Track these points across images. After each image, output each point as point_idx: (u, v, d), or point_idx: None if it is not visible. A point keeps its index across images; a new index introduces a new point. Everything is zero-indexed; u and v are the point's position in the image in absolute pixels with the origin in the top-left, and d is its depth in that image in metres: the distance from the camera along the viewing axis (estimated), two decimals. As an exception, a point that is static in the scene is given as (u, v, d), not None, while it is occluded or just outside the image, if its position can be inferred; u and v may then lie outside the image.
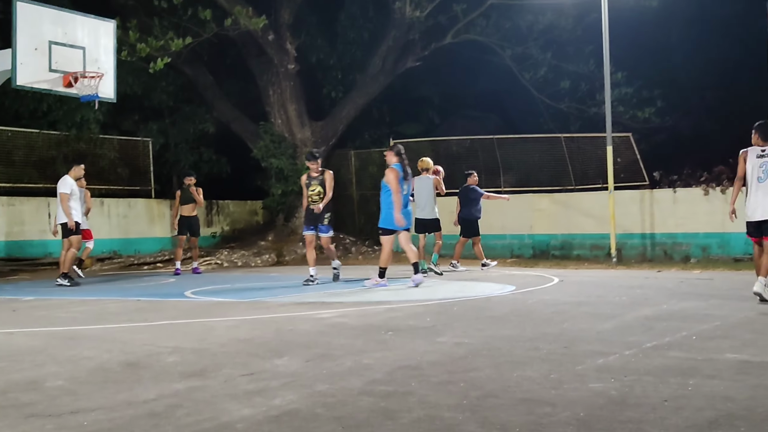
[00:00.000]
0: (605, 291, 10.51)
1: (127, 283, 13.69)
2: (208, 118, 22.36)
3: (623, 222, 16.61)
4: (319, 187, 12.08)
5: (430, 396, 4.37)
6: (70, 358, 5.89)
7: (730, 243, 16.17)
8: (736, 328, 6.78)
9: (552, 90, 21.43)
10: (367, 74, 21.62)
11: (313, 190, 12.10)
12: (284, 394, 4.50)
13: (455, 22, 20.28)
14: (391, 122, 23.70)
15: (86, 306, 9.84)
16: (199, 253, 16.93)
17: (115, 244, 19.26)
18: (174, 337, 6.92)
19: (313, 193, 12.10)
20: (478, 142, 20.10)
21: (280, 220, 21.05)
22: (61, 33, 13.66)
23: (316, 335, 6.82)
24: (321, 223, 12.15)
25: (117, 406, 4.31)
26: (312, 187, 12.12)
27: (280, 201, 20.73)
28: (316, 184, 12.10)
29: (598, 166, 17.43)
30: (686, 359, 5.33)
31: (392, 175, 11.35)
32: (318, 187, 12.08)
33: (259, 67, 21.21)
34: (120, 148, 20.78)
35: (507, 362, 5.35)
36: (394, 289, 11.36)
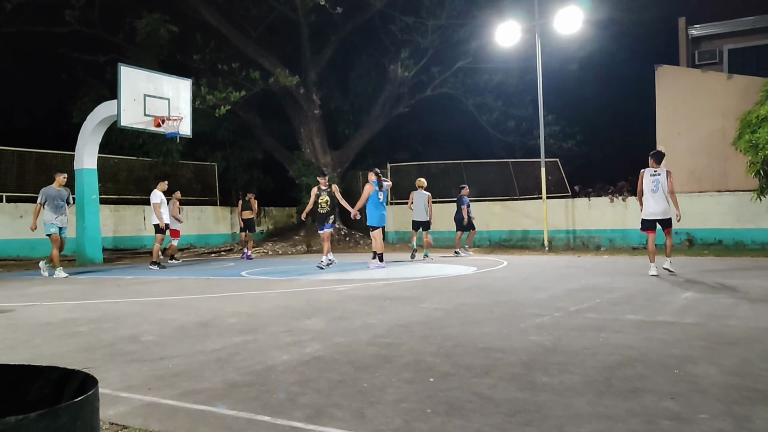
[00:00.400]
0: (540, 270, 10.51)
1: (200, 266, 13.68)
2: (257, 149, 22.37)
3: (553, 221, 16.63)
4: (327, 197, 11.79)
5: (416, 346, 4.37)
6: (159, 320, 5.88)
7: (629, 236, 16.21)
8: (635, 296, 6.78)
9: (502, 128, 21.48)
10: (371, 117, 21.62)
11: (322, 199, 11.81)
12: (312, 345, 4.49)
13: (433, 80, 20.29)
14: (388, 151, 23.68)
15: (171, 283, 9.83)
16: (252, 245, 16.91)
17: (191, 239, 19.23)
18: (234, 304, 6.92)
19: (322, 201, 11.81)
20: (450, 165, 20.14)
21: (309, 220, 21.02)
22: (152, 88, 13.67)
23: (335, 303, 6.81)
24: (327, 222, 11.91)
25: (193, 353, 4.31)
26: (322, 196, 11.83)
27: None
28: (325, 194, 11.82)
29: (535, 182, 17.45)
30: (599, 319, 5.32)
31: (368, 189, 11.80)
32: (326, 196, 11.80)
33: (294, 112, 21.19)
34: (194, 170, 20.77)
35: (471, 322, 5.35)
36: (389, 270, 11.35)
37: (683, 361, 3.79)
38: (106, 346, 4.64)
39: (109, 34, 19.17)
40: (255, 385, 3.45)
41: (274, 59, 19.68)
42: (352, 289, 8.14)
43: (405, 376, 3.54)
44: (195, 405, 3.11)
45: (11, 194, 15.65)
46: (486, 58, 19.70)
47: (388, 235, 20.40)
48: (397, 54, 19.90)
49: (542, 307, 6.06)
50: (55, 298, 7.83)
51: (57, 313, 6.49)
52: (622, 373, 3.52)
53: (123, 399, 3.25)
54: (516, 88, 20.96)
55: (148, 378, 3.67)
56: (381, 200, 11.90)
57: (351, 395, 3.21)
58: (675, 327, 4.91)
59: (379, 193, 11.84)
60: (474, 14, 19.13)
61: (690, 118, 15.90)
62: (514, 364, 3.79)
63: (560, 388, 3.26)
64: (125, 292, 8.56)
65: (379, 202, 11.85)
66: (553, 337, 4.57)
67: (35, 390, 1.47)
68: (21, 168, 16.07)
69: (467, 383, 3.38)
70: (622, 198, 16.33)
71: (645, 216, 9.28)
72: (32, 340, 4.93)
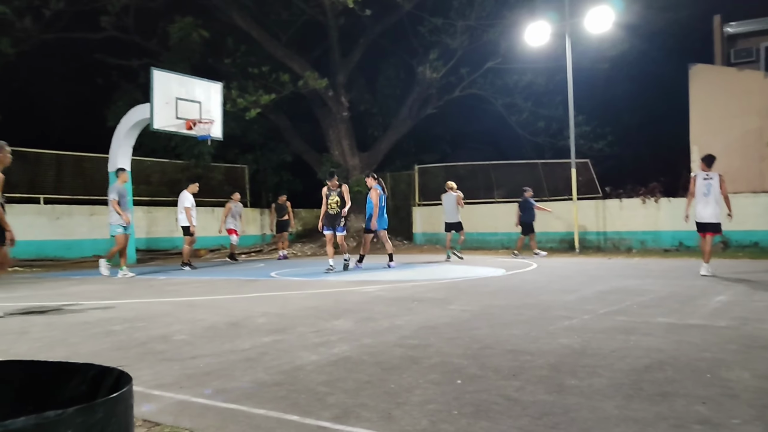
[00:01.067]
0: (570, 273, 10.41)
1: (230, 267, 13.84)
2: (286, 151, 22.54)
3: (583, 223, 16.44)
4: (337, 197, 11.48)
5: (443, 347, 4.37)
6: (190, 320, 5.97)
7: (661, 238, 15.95)
8: (665, 299, 6.68)
9: (531, 128, 21.29)
10: (399, 119, 21.64)
11: (332, 200, 11.48)
12: (340, 345, 4.52)
13: (461, 81, 20.23)
14: (415, 152, 23.66)
15: (201, 283, 9.98)
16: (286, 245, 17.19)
17: (222, 240, 19.45)
18: (263, 304, 6.99)
19: (333, 201, 11.48)
20: (478, 166, 20.02)
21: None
22: (184, 91, 13.87)
23: (363, 304, 6.84)
24: (338, 225, 11.58)
25: (223, 353, 4.37)
26: (332, 197, 11.48)
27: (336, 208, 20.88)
28: (335, 195, 11.49)
29: (565, 183, 17.27)
30: (629, 322, 5.26)
31: (375, 194, 12.06)
32: (336, 197, 11.48)
33: (322, 115, 21.32)
34: (225, 172, 21.04)
35: (499, 324, 5.33)
36: (417, 271, 11.36)
37: (715, 364, 3.73)
38: (139, 345, 4.74)
39: (143, 39, 19.54)
40: (284, 384, 3.50)
41: (304, 62, 19.84)
42: (380, 291, 8.16)
43: (432, 378, 3.55)
44: (225, 404, 3.17)
45: (49, 196, 16.05)
46: (515, 59, 19.57)
47: (416, 236, 20.39)
48: (426, 55, 19.89)
49: (571, 310, 6.01)
50: (90, 298, 8.01)
51: (93, 312, 6.65)
52: (652, 377, 3.48)
53: (155, 397, 3.32)
54: (546, 88, 20.77)
55: (180, 376, 3.74)
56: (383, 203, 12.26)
57: (378, 396, 3.23)
58: (707, 330, 4.83)
59: (383, 197, 12.18)
60: (504, 14, 19.03)
61: (725, 118, 15.60)
62: (542, 366, 3.77)
63: (588, 391, 3.23)
64: (158, 293, 8.71)
65: (382, 205, 12.22)
66: (582, 339, 4.53)
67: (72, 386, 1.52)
68: (58, 171, 16.47)
69: (494, 385, 3.38)
70: (654, 199, 16.07)
71: (696, 218, 9.48)
72: (69, 339, 5.06)
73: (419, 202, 20.54)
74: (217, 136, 14.57)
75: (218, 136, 14.67)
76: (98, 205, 16.49)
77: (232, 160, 21.54)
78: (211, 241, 19.06)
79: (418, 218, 20.43)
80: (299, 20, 20.26)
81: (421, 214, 20.35)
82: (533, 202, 15.39)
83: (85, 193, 16.76)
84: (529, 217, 15.25)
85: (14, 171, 15.74)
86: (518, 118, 21.19)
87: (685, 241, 15.44)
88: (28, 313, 6.69)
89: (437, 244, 19.15)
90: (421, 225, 20.29)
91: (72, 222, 16.16)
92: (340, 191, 11.55)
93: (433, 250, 18.21)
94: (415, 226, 20.51)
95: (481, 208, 18.73)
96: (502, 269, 11.23)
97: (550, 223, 17.57)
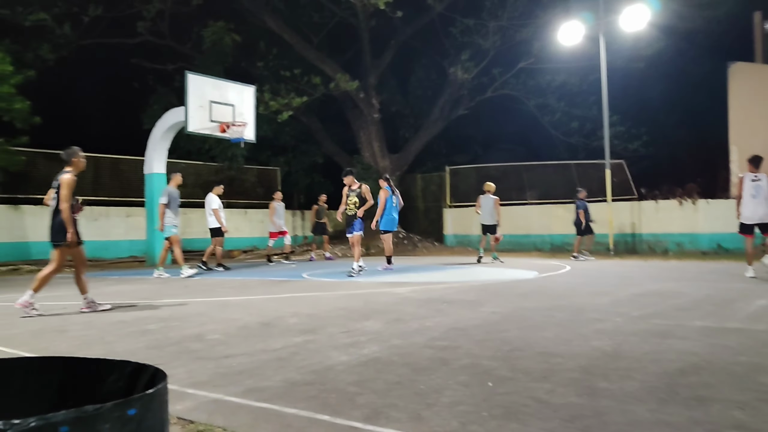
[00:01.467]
0: (604, 275, 10.28)
1: (263, 267, 13.98)
2: (318, 153, 22.72)
3: (618, 224, 16.20)
4: (356, 198, 10.97)
5: (473, 349, 4.37)
6: (223, 319, 6.06)
7: (699, 240, 15.65)
8: (701, 302, 6.55)
9: (564, 129, 21.07)
10: (430, 120, 21.62)
11: (351, 200, 10.98)
12: (370, 346, 4.55)
13: (493, 81, 20.14)
14: (447, 154, 23.62)
15: (235, 283, 10.10)
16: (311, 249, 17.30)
17: (255, 241, 19.71)
18: (294, 305, 7.06)
19: (351, 202, 10.99)
20: (510, 167, 19.88)
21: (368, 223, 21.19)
22: (218, 95, 14.08)
23: (392, 305, 6.86)
24: (355, 226, 10.99)
25: (255, 352, 4.44)
26: (350, 197, 11.00)
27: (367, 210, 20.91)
28: (354, 195, 10.99)
29: (599, 184, 17.04)
30: (663, 325, 5.18)
31: (384, 195, 11.83)
32: (355, 197, 10.97)
33: (354, 116, 21.42)
34: (258, 174, 21.29)
35: (529, 326, 5.30)
36: (448, 272, 11.33)
37: (752, 369, 3.65)
38: (173, 343, 4.84)
39: (177, 44, 19.90)
40: (315, 384, 3.54)
41: (335, 64, 19.97)
42: (410, 292, 8.17)
43: (461, 379, 3.56)
44: (257, 402, 3.22)
45: (87, 197, 16.44)
46: (548, 58, 19.40)
47: (447, 238, 20.34)
48: (457, 56, 19.85)
49: (604, 312, 5.94)
50: (127, 298, 8.19)
51: (129, 311, 6.80)
52: (686, 381, 3.42)
53: (189, 395, 3.39)
54: (579, 88, 20.54)
55: (213, 375, 3.81)
56: (395, 204, 12.00)
57: (408, 397, 3.24)
58: (744, 334, 4.73)
59: (393, 197, 11.95)
60: (536, 14, 18.89)
61: (765, 117, 15.22)
62: (573, 369, 3.74)
63: (620, 394, 3.20)
64: (192, 292, 8.85)
65: (392, 207, 11.97)
66: (614, 342, 4.48)
67: (110, 382, 1.58)
68: (96, 173, 16.87)
69: (525, 387, 3.36)
70: (692, 200, 15.76)
71: (744, 220, 9.32)
72: (106, 337, 5.19)
73: (450, 203, 20.48)
74: (250, 138, 14.75)
75: (251, 139, 14.85)
76: (134, 206, 16.84)
77: (264, 162, 21.78)
78: (243, 242, 19.32)
79: (449, 220, 20.37)
80: (330, 23, 20.41)
81: (452, 216, 20.29)
82: (586, 203, 14.95)
83: (122, 194, 17.14)
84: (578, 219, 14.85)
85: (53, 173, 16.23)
86: (551, 119, 21.00)
87: (724, 243, 15.11)
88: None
89: (468, 246, 19.08)
90: (452, 226, 20.23)
91: (109, 223, 16.54)
92: (360, 191, 11.05)
93: (465, 252, 18.14)
94: (446, 228, 20.46)
95: (514, 210, 18.59)
96: (534, 271, 11.14)
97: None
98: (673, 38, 19.45)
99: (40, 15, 15.84)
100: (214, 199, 13.21)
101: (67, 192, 6.64)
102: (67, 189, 6.65)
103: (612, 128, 17.96)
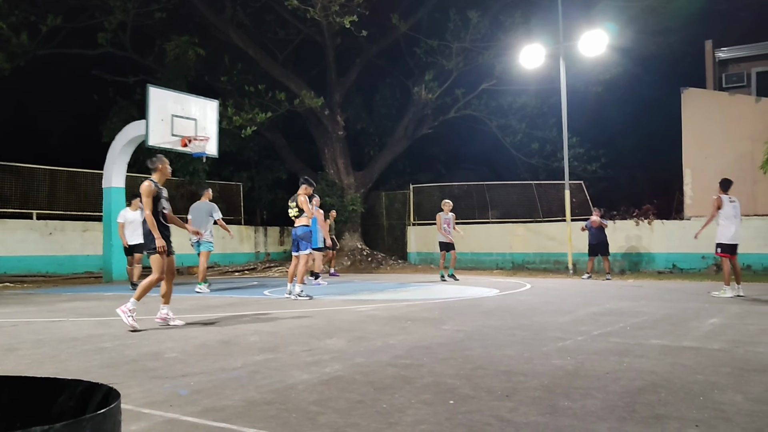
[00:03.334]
0: (564, 294, 10.40)
1: (224, 284, 13.77)
2: (282, 169, 22.61)
3: (577, 244, 16.45)
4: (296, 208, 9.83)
5: (437, 367, 4.35)
6: (182, 337, 5.93)
7: (655, 260, 16.01)
8: (659, 321, 6.67)
9: (526, 150, 21.41)
10: (394, 138, 21.73)
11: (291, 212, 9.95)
12: (332, 364, 4.49)
13: (456, 102, 20.37)
14: (410, 172, 23.76)
15: (194, 301, 9.91)
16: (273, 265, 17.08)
17: (216, 257, 19.40)
18: (256, 323, 6.95)
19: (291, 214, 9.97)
20: (473, 186, 20.12)
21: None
22: (180, 109, 13.89)
23: (356, 323, 6.81)
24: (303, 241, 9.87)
25: (214, 371, 4.34)
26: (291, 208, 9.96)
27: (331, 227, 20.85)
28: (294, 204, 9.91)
29: (558, 204, 17.35)
30: (622, 343, 5.25)
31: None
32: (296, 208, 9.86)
33: (318, 133, 21.38)
34: (220, 189, 20.99)
35: (492, 344, 5.31)
36: (412, 291, 11.33)
37: (708, 387, 3.72)
38: (129, 362, 4.69)
39: (139, 56, 19.63)
40: (275, 403, 3.47)
41: (300, 81, 19.97)
42: (373, 310, 8.13)
43: (425, 398, 3.53)
44: (215, 422, 3.13)
45: (42, 211, 15.99)
46: (510, 80, 19.74)
47: (410, 256, 20.37)
48: (422, 76, 20.05)
49: (565, 331, 6.00)
50: (81, 314, 7.94)
51: (83, 328, 6.59)
52: (645, 399, 3.46)
53: (145, 415, 3.28)
54: (540, 110, 20.95)
55: (170, 395, 3.70)
56: None
57: (370, 416, 3.20)
58: (700, 353, 4.83)
59: None
60: (498, 37, 19.23)
61: (717, 142, 15.73)
62: (535, 387, 3.75)
63: (582, 412, 3.22)
64: (150, 310, 8.64)
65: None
66: (576, 361, 4.51)
67: (60, 402, 1.51)
68: (52, 186, 16.43)
69: (487, 406, 3.35)
70: (648, 221, 16.14)
71: (729, 240, 9.46)
72: (58, 356, 5.01)
73: (414, 221, 20.56)
74: (213, 153, 14.58)
75: (213, 154, 14.68)
76: (91, 221, 16.43)
77: (227, 178, 21.57)
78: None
79: (412, 238, 20.43)
80: (296, 39, 20.43)
81: (415, 234, 20.36)
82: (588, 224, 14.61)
83: (79, 208, 16.71)
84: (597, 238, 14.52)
85: (7, 186, 15.79)
86: (513, 140, 21.33)
87: (679, 263, 15.48)
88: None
89: (432, 263, 19.14)
90: (415, 244, 20.29)
91: (64, 238, 16.08)
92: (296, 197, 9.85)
93: (428, 270, 18.19)
94: (410, 246, 20.51)
95: (476, 228, 18.76)
96: (496, 289, 11.22)
97: (542, 244, 17.63)
98: (630, 64, 20.03)
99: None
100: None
101: (147, 199, 6.71)
102: (147, 197, 6.71)
103: (571, 150, 18.33)
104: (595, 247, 14.55)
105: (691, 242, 10.12)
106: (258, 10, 19.56)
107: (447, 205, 14.38)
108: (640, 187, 20.42)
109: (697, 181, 15.87)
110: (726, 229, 9.42)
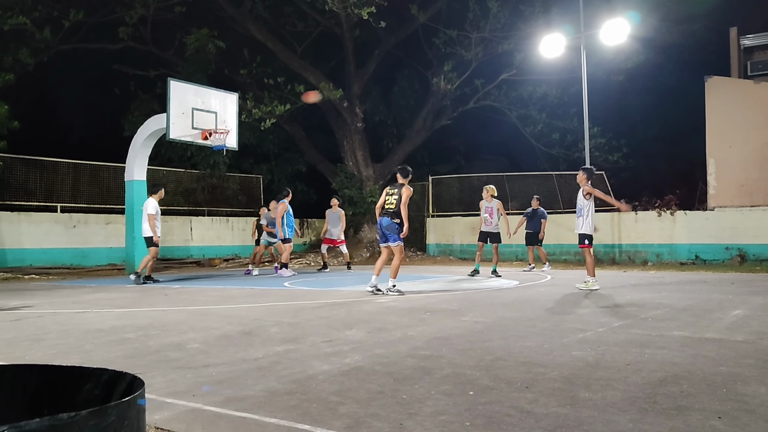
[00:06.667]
0: (584, 285, 10.31)
1: (244, 276, 13.88)
2: (301, 161, 22.70)
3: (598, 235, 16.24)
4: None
5: (456, 359, 4.35)
6: (204, 328, 5.99)
7: (677, 251, 15.82)
8: (681, 312, 6.61)
9: (546, 140, 21.25)
10: (413, 129, 21.69)
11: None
12: (352, 355, 4.52)
13: (476, 92, 20.26)
14: (429, 163, 23.70)
15: (215, 292, 10.01)
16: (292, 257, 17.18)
17: (236, 249, 19.56)
18: (276, 314, 7.00)
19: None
20: (492, 177, 19.95)
21: (351, 232, 21.16)
22: (200, 102, 13.97)
23: (375, 314, 6.83)
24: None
25: (236, 361, 4.38)
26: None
27: (351, 219, 20.86)
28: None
29: (579, 195, 17.17)
30: (643, 335, 5.21)
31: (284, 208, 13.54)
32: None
33: (337, 125, 21.42)
34: (240, 182, 21.18)
35: (512, 335, 5.30)
36: (431, 281, 11.33)
37: (731, 379, 3.68)
38: (152, 352, 4.76)
39: (160, 50, 19.79)
40: (296, 393, 3.50)
41: (319, 73, 19.98)
42: (392, 301, 8.15)
43: (444, 389, 3.54)
44: (237, 412, 3.17)
45: (66, 204, 16.23)
46: (530, 70, 19.57)
47: (429, 247, 20.35)
48: (440, 67, 19.96)
49: (586, 322, 5.96)
50: (105, 306, 8.07)
51: (107, 320, 6.69)
52: (667, 390, 3.44)
53: (168, 404, 3.33)
54: (560, 99, 20.74)
55: (193, 385, 3.75)
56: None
57: (390, 406, 3.22)
58: (723, 344, 4.77)
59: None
60: (518, 26, 19.06)
61: (741, 130, 15.47)
62: (555, 379, 3.74)
63: (602, 404, 3.20)
64: (172, 301, 8.75)
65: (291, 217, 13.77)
66: (596, 352, 4.49)
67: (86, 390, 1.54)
68: (75, 179, 16.66)
69: (507, 397, 3.35)
70: (670, 212, 15.94)
71: None
72: (83, 346, 5.10)
73: (433, 213, 20.52)
74: (232, 146, 14.66)
75: (233, 146, 14.76)
76: (114, 214, 16.65)
77: (246, 170, 21.70)
78: (225, 250, 19.19)
79: (431, 229, 20.40)
80: (315, 32, 20.43)
81: (434, 225, 20.32)
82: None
83: (102, 201, 16.94)
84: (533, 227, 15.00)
85: (32, 179, 16.05)
86: (533, 130, 21.16)
87: (702, 254, 15.29)
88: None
89: (451, 255, 19.11)
90: (434, 236, 20.26)
91: (88, 230, 16.32)
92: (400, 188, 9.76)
93: (447, 261, 18.16)
94: (429, 237, 20.48)
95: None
96: (516, 281, 11.17)
97: (563, 235, 17.48)
98: (652, 52, 19.75)
99: (19, 19, 15.63)
100: (151, 203, 11.79)
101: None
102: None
103: (592, 140, 18.13)
104: (532, 237, 14.84)
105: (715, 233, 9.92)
106: (276, 3, 19.60)
107: (487, 190, 12.94)
108: (661, 177, 20.17)
109: (720, 171, 15.63)
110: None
